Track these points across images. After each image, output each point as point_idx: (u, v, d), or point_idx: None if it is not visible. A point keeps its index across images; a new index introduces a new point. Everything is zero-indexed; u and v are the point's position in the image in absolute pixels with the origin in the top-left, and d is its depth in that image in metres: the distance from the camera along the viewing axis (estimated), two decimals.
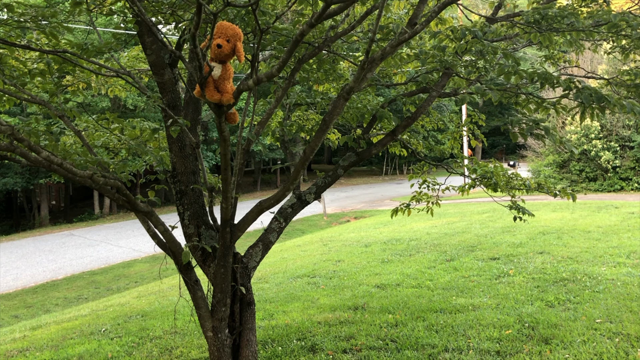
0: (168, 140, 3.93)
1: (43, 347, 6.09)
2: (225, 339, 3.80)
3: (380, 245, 11.04)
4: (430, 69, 4.00)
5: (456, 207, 17.98)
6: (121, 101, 25.89)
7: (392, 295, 6.78)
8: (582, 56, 19.87)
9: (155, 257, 15.05)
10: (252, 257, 4.09)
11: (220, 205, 3.47)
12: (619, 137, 19.74)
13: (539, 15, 3.26)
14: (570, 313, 5.46)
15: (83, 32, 21.96)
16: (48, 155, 2.80)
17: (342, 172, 4.37)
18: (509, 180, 4.74)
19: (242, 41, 2.51)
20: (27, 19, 3.17)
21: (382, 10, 2.36)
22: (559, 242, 9.50)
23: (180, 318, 6.60)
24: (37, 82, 3.90)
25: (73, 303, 11.07)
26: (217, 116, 2.75)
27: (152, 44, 3.70)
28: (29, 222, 31.84)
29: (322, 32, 3.68)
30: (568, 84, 3.20)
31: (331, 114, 3.29)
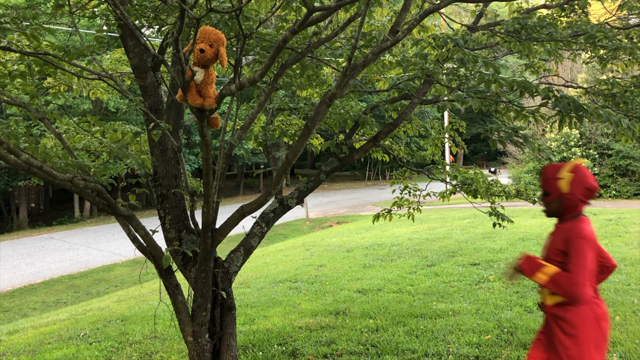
0: (150, 143, 3.92)
1: (20, 352, 6.00)
2: (205, 343, 3.79)
3: (362, 250, 11.07)
4: (412, 76, 4.05)
5: (437, 212, 18.10)
6: (103, 104, 25.67)
7: (373, 300, 6.80)
8: (562, 65, 20.19)
9: (136, 261, 14.92)
10: (233, 261, 4.09)
11: (201, 209, 3.46)
12: (598, 145, 20.06)
13: (518, 25, 3.31)
14: None
15: (65, 34, 21.76)
16: (28, 158, 2.77)
17: (324, 177, 4.39)
18: (488, 187, 4.80)
19: (225, 46, 2.52)
20: (8, 20, 3.15)
21: (364, 17, 2.38)
22: (539, 248, 9.60)
23: (160, 323, 6.55)
24: (17, 83, 3.86)
25: (51, 307, 10.92)
26: (199, 120, 2.75)
27: (135, 47, 3.69)
28: (7, 225, 31.35)
29: (306, 38, 3.70)
30: (547, 92, 3.26)
31: (313, 120, 3.31)
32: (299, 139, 3.46)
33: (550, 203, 2.84)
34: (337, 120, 4.82)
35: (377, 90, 4.58)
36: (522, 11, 4.89)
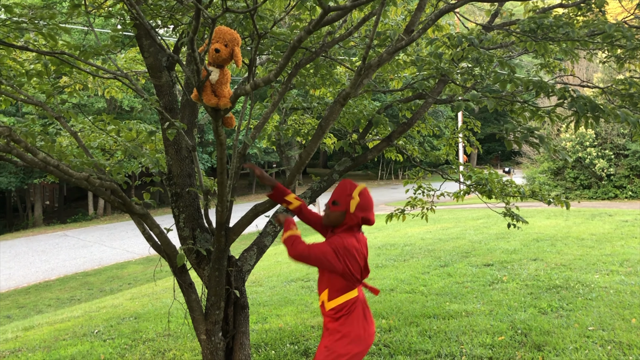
0: (164, 142, 3.94)
1: (35, 347, 6.06)
2: (218, 342, 3.80)
3: (375, 250, 11.05)
4: (427, 76, 4.03)
5: (451, 213, 18.02)
6: (117, 102, 25.85)
7: (385, 300, 6.79)
8: (578, 64, 20.00)
9: (149, 259, 15.02)
10: (246, 260, 4.10)
11: (215, 208, 3.47)
12: (614, 145, 19.84)
13: (534, 24, 3.28)
14: (563, 320, 5.48)
15: (80, 33, 21.95)
16: (45, 156, 2.80)
17: (337, 177, 4.39)
18: (503, 187, 4.76)
19: (240, 46, 2.52)
20: (25, 20, 3.18)
21: (379, 17, 2.37)
22: (553, 249, 9.53)
23: (173, 321, 6.59)
24: (34, 82, 3.90)
25: (66, 304, 11.02)
26: (214, 120, 2.76)
27: (150, 47, 3.71)
28: (22, 222, 31.71)
29: (320, 38, 3.70)
30: (563, 92, 3.22)
31: (327, 119, 3.31)
32: (313, 139, 3.46)
33: (334, 212, 2.99)
34: (351, 119, 4.82)
35: (391, 90, 4.56)
36: (537, 10, 4.85)
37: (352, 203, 2.95)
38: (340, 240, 2.88)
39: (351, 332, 2.95)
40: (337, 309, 2.97)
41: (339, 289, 2.95)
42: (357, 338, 2.95)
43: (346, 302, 2.96)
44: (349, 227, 2.99)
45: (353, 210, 2.95)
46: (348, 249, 2.86)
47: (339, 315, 2.97)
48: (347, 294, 2.96)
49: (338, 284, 2.93)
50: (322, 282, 3.02)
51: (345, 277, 2.90)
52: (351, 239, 2.92)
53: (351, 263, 2.87)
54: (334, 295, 2.97)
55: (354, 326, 2.96)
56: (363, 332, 2.97)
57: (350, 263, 2.86)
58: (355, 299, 2.98)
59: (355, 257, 2.89)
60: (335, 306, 2.97)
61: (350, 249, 2.86)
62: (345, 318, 2.96)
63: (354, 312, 2.96)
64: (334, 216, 3.00)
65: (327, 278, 2.97)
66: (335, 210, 2.99)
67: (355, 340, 2.95)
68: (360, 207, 2.96)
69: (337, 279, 2.93)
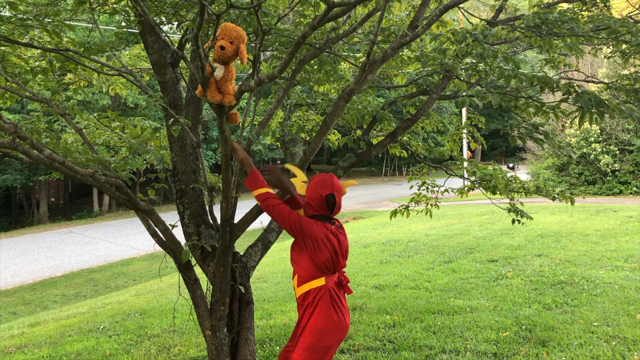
0: (169, 139, 3.95)
1: (41, 343, 6.10)
2: (223, 337, 3.81)
3: (379, 246, 11.06)
4: (431, 72, 4.02)
5: (455, 209, 18.01)
6: (121, 99, 25.90)
7: (390, 296, 6.80)
8: (583, 60, 19.92)
9: (154, 256, 15.07)
10: (251, 256, 4.11)
11: (220, 204, 3.48)
12: (619, 140, 19.76)
13: (539, 19, 3.27)
14: (567, 316, 5.48)
15: (84, 30, 21.97)
16: (50, 153, 2.81)
17: (341, 173, 4.39)
18: (507, 183, 4.76)
19: (245, 43, 2.53)
20: (30, 17, 3.19)
21: (383, 13, 2.37)
22: (557, 245, 9.52)
23: (178, 317, 6.61)
24: (39, 79, 3.91)
25: (71, 300, 11.08)
26: (218, 116, 2.77)
27: (154, 44, 3.71)
28: (28, 219, 31.84)
29: (324, 33, 3.70)
30: (568, 88, 3.22)
31: (332, 115, 3.31)
32: (317, 135, 3.46)
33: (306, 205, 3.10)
34: (355, 115, 4.81)
35: (396, 86, 4.56)
36: (542, 5, 4.83)
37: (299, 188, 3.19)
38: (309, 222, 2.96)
39: (317, 324, 2.98)
40: (302, 296, 3.04)
41: (306, 276, 3.01)
42: (325, 330, 2.99)
43: (311, 290, 3.00)
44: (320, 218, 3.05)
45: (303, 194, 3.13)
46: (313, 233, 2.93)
47: (305, 302, 3.03)
48: (313, 281, 3.00)
49: (306, 271, 2.99)
50: (295, 270, 3.09)
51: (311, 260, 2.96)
52: (318, 226, 2.97)
53: (319, 248, 2.93)
54: (301, 281, 3.04)
55: (320, 318, 2.99)
56: (332, 325, 2.99)
57: (318, 247, 2.92)
58: (321, 287, 3.00)
59: (325, 243, 2.94)
60: (302, 293, 3.04)
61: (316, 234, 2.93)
62: (310, 308, 3.00)
63: (320, 302, 2.99)
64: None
65: (298, 264, 3.04)
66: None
67: (323, 332, 2.99)
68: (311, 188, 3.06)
69: (305, 266, 2.98)
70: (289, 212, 2.96)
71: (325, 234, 2.95)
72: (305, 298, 3.01)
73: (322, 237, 2.93)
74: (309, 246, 2.92)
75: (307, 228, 2.91)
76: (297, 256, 3.03)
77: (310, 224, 2.93)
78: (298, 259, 3.02)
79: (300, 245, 2.98)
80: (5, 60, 3.51)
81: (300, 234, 2.93)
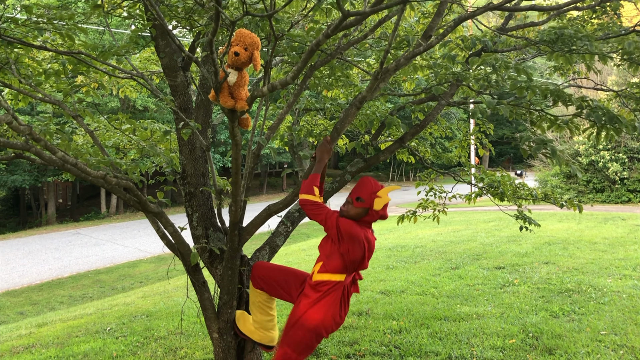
0: (179, 142, 3.98)
1: (49, 344, 6.13)
2: (230, 340, 3.83)
3: (385, 252, 11.05)
4: (442, 81, 4.03)
5: (462, 215, 17.96)
6: (130, 102, 26.04)
7: (396, 301, 6.79)
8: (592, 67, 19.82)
9: (160, 258, 15.11)
10: (258, 259, 4.12)
11: (229, 207, 3.50)
12: (628, 148, 19.67)
13: (555, 35, 3.27)
14: (574, 324, 5.46)
15: (95, 33, 22.13)
16: (63, 155, 2.84)
17: (349, 178, 4.40)
18: (515, 190, 4.75)
19: (259, 50, 2.55)
20: (44, 20, 3.22)
21: (398, 22, 2.39)
22: (565, 252, 9.48)
23: (185, 319, 6.63)
24: (51, 82, 3.95)
25: (78, 301, 11.13)
26: (230, 121, 2.79)
27: (166, 47, 3.75)
28: (36, 220, 32.02)
29: (335, 40, 3.72)
30: (581, 102, 3.21)
31: (343, 122, 3.33)
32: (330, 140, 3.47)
33: (356, 208, 3.16)
34: (363, 120, 4.83)
35: (406, 94, 4.57)
36: (551, 14, 4.83)
37: (378, 202, 3.13)
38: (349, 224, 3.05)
39: (320, 309, 3.10)
40: (320, 283, 3.13)
41: (331, 268, 3.11)
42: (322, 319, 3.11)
43: (330, 282, 3.12)
44: (364, 223, 3.18)
45: (378, 209, 3.14)
46: (354, 235, 3.02)
47: (319, 289, 3.13)
48: (336, 274, 3.12)
49: (333, 264, 3.09)
50: (321, 257, 3.19)
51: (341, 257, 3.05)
52: (361, 229, 3.09)
53: (353, 249, 3.03)
54: (324, 270, 3.14)
55: (327, 307, 3.11)
56: (329, 318, 3.12)
57: (353, 249, 3.02)
58: (340, 283, 3.13)
59: (361, 246, 3.05)
60: (321, 280, 3.13)
61: (357, 236, 3.03)
62: (322, 294, 3.12)
63: (332, 294, 3.12)
64: (355, 212, 3.17)
65: (325, 254, 3.15)
66: (359, 207, 3.15)
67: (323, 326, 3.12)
68: (385, 207, 3.17)
69: (334, 259, 3.08)
70: (326, 215, 3.07)
71: (364, 235, 3.09)
72: (320, 285, 3.13)
73: (362, 238, 3.06)
74: (344, 246, 3.03)
75: (346, 230, 3.02)
76: (329, 249, 3.14)
77: (350, 226, 3.04)
78: (329, 251, 3.13)
79: (334, 242, 3.08)
80: (19, 62, 3.55)
81: (336, 235, 3.04)
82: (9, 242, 20.71)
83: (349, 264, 3.06)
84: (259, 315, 3.56)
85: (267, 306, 3.55)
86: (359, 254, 3.04)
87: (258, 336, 3.64)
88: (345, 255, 3.03)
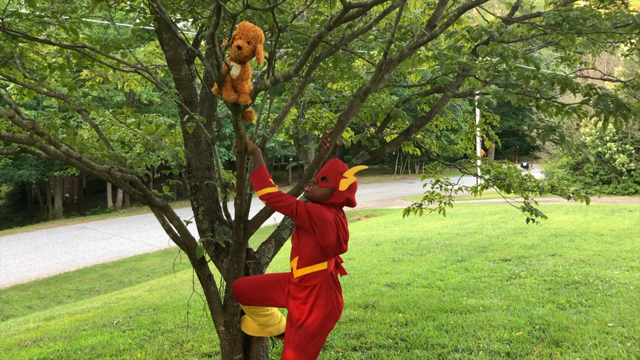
0: (184, 135, 3.97)
1: (57, 337, 6.17)
2: (237, 333, 3.83)
3: (391, 244, 11.04)
4: (448, 71, 4.00)
5: (468, 207, 17.92)
6: (136, 96, 26.06)
7: (402, 294, 6.79)
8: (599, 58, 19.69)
9: (167, 251, 15.16)
10: (264, 253, 4.12)
11: (234, 201, 3.50)
12: (635, 140, 19.54)
13: (560, 17, 3.24)
14: (581, 316, 5.44)
15: (100, 27, 22.12)
16: (67, 149, 2.84)
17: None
18: (522, 182, 4.72)
19: (262, 43, 2.53)
20: (48, 14, 3.21)
21: (401, 11, 2.37)
22: (572, 244, 9.45)
23: (191, 312, 6.65)
24: (55, 76, 3.94)
25: (85, 295, 11.18)
26: (234, 114, 2.78)
27: (170, 41, 3.73)
28: (43, 214, 32.16)
29: (339, 31, 3.69)
30: (588, 90, 3.18)
31: (347, 114, 3.31)
32: (332, 133, 3.46)
33: (321, 188, 3.07)
34: (369, 113, 4.80)
35: (411, 85, 4.54)
36: (558, 4, 4.78)
37: (343, 182, 3.05)
38: (318, 208, 2.96)
39: (318, 306, 3.03)
40: (304, 278, 3.04)
41: (308, 259, 3.02)
42: (327, 316, 3.05)
43: (314, 273, 3.03)
44: (331, 205, 3.08)
45: (343, 189, 3.05)
46: (324, 218, 2.93)
47: (305, 284, 3.04)
48: (316, 264, 3.03)
49: (309, 254, 3.00)
50: (293, 250, 3.11)
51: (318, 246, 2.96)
52: (329, 212, 3.00)
53: (327, 233, 2.93)
54: (302, 263, 3.04)
55: (321, 300, 3.03)
56: (331, 309, 3.06)
57: (327, 232, 2.93)
58: (324, 272, 3.04)
59: (333, 228, 2.96)
60: (303, 275, 3.04)
61: (328, 219, 2.94)
62: (311, 290, 3.03)
63: (322, 285, 3.04)
64: (320, 192, 3.08)
65: (299, 246, 3.06)
66: (324, 186, 3.06)
67: (327, 318, 3.05)
68: (350, 188, 3.07)
69: (309, 250, 2.99)
70: (295, 204, 2.96)
71: (334, 219, 3.00)
72: (305, 280, 3.04)
73: (332, 221, 2.97)
74: (318, 231, 2.93)
75: (316, 214, 2.93)
76: (302, 238, 3.04)
77: (319, 209, 2.95)
78: (301, 242, 3.04)
79: (308, 231, 2.98)
80: (23, 56, 3.55)
81: (308, 222, 2.94)
82: (16, 236, 20.83)
83: (327, 249, 2.97)
84: (258, 319, 3.54)
85: (261, 311, 3.50)
86: (333, 237, 2.95)
87: (267, 332, 3.63)
88: (321, 241, 2.94)
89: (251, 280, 3.40)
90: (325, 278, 3.05)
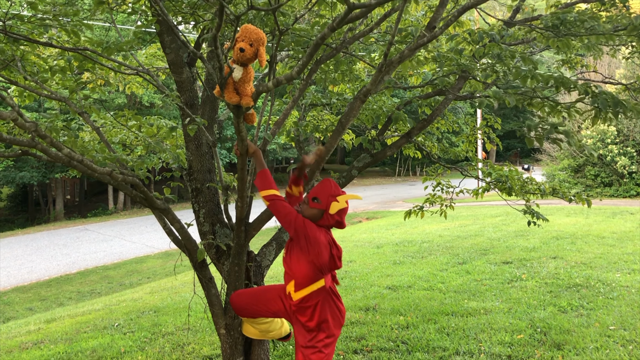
0: (185, 138, 3.97)
1: (57, 339, 6.16)
2: (238, 336, 3.83)
3: (392, 247, 11.04)
4: (448, 72, 4.00)
5: (469, 210, 17.91)
6: (137, 98, 26.08)
7: (403, 297, 6.78)
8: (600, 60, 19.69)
9: (168, 254, 15.15)
10: (265, 255, 4.12)
11: (235, 203, 3.50)
12: (636, 142, 19.52)
13: (557, 20, 3.24)
14: (583, 319, 5.43)
15: (101, 29, 22.16)
16: (69, 151, 2.84)
17: (356, 173, 4.39)
18: (523, 185, 4.72)
19: (265, 46, 2.53)
20: (49, 17, 3.22)
21: (401, 13, 2.37)
22: (573, 247, 9.43)
23: (192, 315, 6.65)
24: (57, 78, 3.95)
25: (86, 297, 11.18)
26: (235, 117, 2.78)
27: (171, 43, 3.74)
28: (44, 216, 32.18)
29: (340, 34, 3.70)
30: (585, 88, 3.18)
31: (347, 116, 3.31)
32: (333, 135, 3.47)
33: (311, 209, 3.01)
34: (370, 115, 4.81)
35: (412, 87, 4.54)
36: (560, 6, 4.78)
37: (334, 205, 3.00)
38: (314, 227, 2.94)
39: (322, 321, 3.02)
40: (304, 299, 3.01)
41: (304, 281, 2.99)
42: (330, 326, 3.04)
43: (314, 293, 3.00)
44: (321, 226, 3.03)
45: (333, 213, 3.00)
46: (317, 238, 2.91)
47: (306, 305, 3.02)
48: (313, 284, 3.00)
49: (304, 276, 2.97)
50: (286, 274, 3.08)
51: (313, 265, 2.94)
52: (321, 232, 2.97)
53: (321, 252, 2.91)
54: (300, 287, 3.01)
55: (325, 315, 3.02)
56: (332, 321, 3.05)
57: (320, 252, 2.90)
58: (323, 289, 3.02)
59: (327, 248, 2.94)
60: (302, 297, 3.01)
61: (321, 240, 2.91)
62: (314, 308, 3.01)
63: (322, 301, 3.02)
64: (310, 213, 3.03)
65: (291, 269, 3.03)
66: (314, 207, 3.01)
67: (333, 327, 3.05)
68: (340, 212, 3.03)
69: (303, 271, 2.96)
70: (295, 216, 2.93)
71: (328, 241, 2.98)
72: (306, 301, 3.02)
73: (326, 243, 2.95)
74: (312, 251, 2.91)
75: (312, 234, 2.90)
76: (295, 260, 3.01)
77: (314, 230, 2.93)
78: (295, 264, 3.00)
79: (302, 249, 2.95)
80: (24, 59, 3.55)
81: (304, 238, 2.91)
82: (17, 238, 20.84)
83: (323, 267, 2.95)
84: (258, 326, 3.54)
85: (261, 320, 3.49)
86: (326, 256, 2.92)
87: (270, 336, 3.63)
88: (315, 260, 2.91)
89: (249, 295, 3.38)
90: (325, 295, 3.04)
